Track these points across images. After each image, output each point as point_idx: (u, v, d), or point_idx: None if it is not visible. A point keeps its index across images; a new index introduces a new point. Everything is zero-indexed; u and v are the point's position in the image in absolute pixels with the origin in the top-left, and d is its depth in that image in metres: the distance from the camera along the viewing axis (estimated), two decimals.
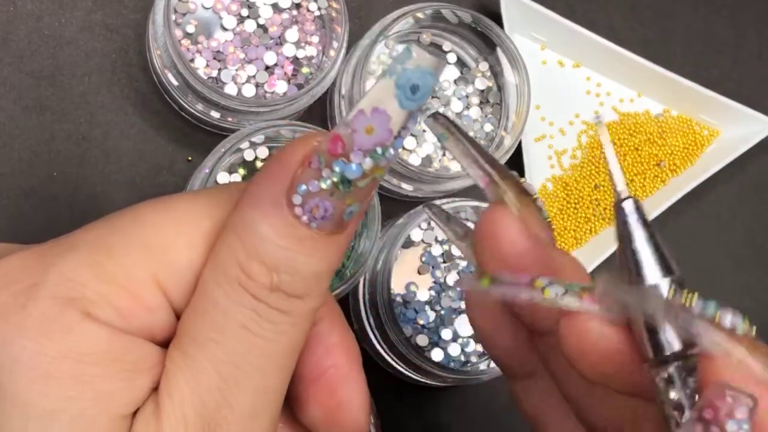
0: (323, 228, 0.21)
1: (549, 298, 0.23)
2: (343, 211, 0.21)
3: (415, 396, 0.49)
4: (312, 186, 0.20)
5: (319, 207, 0.21)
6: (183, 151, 0.47)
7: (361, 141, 0.20)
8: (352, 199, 0.21)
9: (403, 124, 0.20)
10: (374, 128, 0.20)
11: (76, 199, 0.46)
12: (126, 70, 0.47)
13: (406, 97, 0.20)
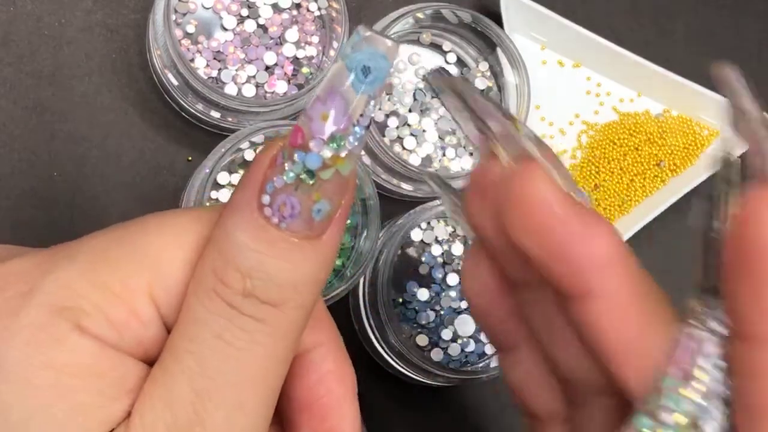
0: (293, 228, 0.21)
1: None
2: (310, 208, 0.21)
3: (415, 396, 0.49)
4: (277, 182, 0.20)
5: (286, 204, 0.20)
6: (183, 151, 0.47)
7: (318, 128, 0.20)
8: (319, 195, 0.20)
9: (361, 110, 0.20)
10: (330, 115, 0.20)
11: (76, 200, 0.46)
12: (126, 70, 0.47)
13: (359, 80, 0.20)
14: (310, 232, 0.21)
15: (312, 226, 0.21)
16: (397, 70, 0.48)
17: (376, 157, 0.46)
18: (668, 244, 0.55)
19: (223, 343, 0.21)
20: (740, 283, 0.20)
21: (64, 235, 0.46)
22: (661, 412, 0.21)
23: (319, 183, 0.20)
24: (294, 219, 0.21)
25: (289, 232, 0.21)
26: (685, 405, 0.21)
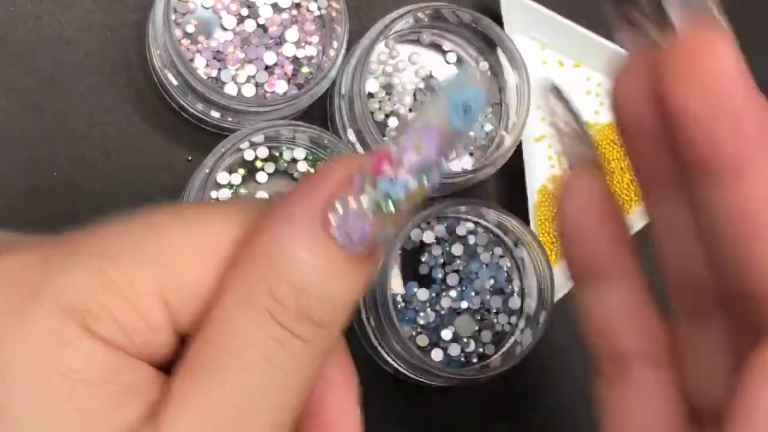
0: (356, 251, 0.20)
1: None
2: (378, 234, 0.20)
3: (415, 396, 0.49)
4: (352, 204, 0.20)
5: (357, 228, 0.20)
6: (183, 151, 0.47)
7: (410, 159, 0.20)
8: (391, 222, 0.20)
9: (451, 144, 0.20)
10: (423, 147, 0.20)
11: (75, 200, 0.46)
12: (126, 70, 0.47)
13: (458, 117, 0.20)
14: (370, 254, 0.21)
15: (374, 249, 0.21)
16: (396, 69, 0.48)
17: None
18: None
19: (270, 366, 0.20)
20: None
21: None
22: None
23: (396, 212, 0.20)
24: (362, 244, 0.20)
25: (351, 252, 0.20)
26: None
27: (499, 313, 0.48)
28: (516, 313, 0.49)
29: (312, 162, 0.46)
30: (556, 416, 0.52)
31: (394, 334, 0.45)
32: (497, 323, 0.48)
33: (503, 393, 0.51)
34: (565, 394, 0.52)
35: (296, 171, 0.46)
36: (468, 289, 0.48)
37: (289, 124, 0.44)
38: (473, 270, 0.48)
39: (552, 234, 0.52)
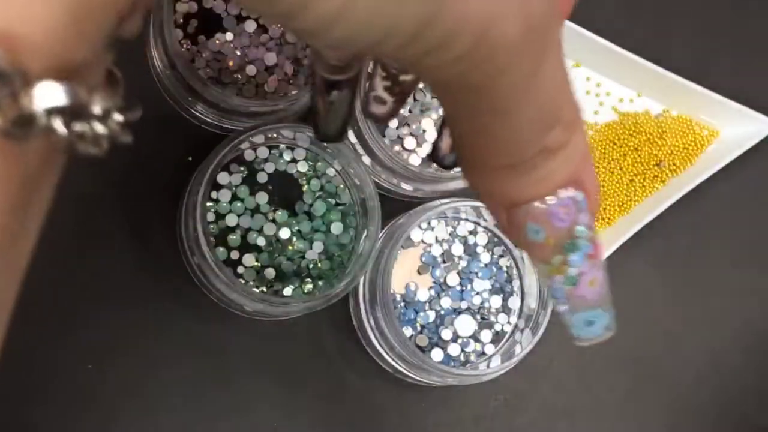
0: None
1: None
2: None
3: (415, 396, 0.50)
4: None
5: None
6: (183, 151, 0.47)
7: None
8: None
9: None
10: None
11: (75, 200, 0.46)
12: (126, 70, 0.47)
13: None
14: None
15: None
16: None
17: (376, 157, 0.46)
18: (668, 244, 0.55)
19: None
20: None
21: (64, 235, 0.46)
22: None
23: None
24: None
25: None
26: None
27: (499, 313, 0.48)
28: (516, 313, 0.49)
29: (312, 162, 0.46)
30: (555, 416, 0.52)
31: (394, 334, 0.45)
32: (497, 323, 0.48)
33: (503, 393, 0.51)
34: (564, 393, 0.52)
35: (296, 171, 0.46)
36: (468, 289, 0.48)
37: (289, 125, 0.44)
38: (473, 270, 0.48)
39: None
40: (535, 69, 0.23)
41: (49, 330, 0.45)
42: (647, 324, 0.54)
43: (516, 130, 0.23)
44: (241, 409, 0.47)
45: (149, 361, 0.46)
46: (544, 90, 0.23)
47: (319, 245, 0.46)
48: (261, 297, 0.42)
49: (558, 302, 0.27)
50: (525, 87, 0.23)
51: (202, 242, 0.42)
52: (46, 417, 0.45)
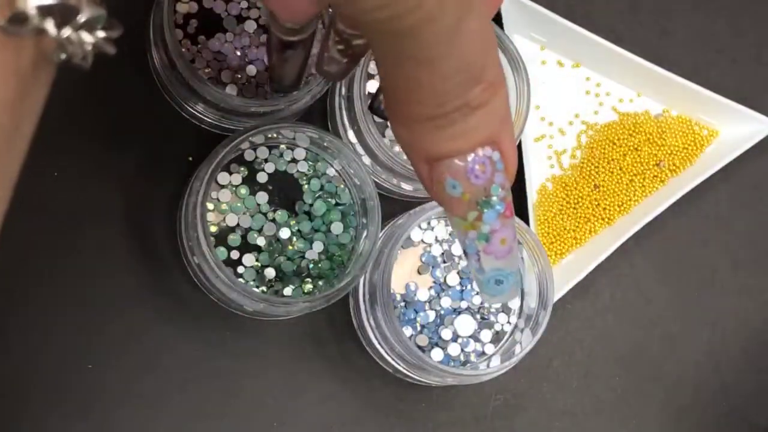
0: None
1: None
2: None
3: (415, 396, 0.50)
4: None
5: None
6: (183, 151, 0.47)
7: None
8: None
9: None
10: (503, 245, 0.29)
11: (75, 200, 0.46)
12: (126, 71, 0.47)
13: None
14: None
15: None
16: None
17: (376, 157, 0.46)
18: (668, 244, 0.55)
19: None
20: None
21: (65, 235, 0.46)
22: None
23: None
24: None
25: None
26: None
27: (499, 313, 0.48)
28: (516, 313, 0.49)
29: (312, 162, 0.46)
30: (555, 416, 0.52)
31: (394, 334, 0.45)
32: (497, 323, 0.48)
33: (503, 393, 0.51)
34: (564, 393, 0.52)
35: (296, 171, 0.46)
36: (468, 289, 0.48)
37: (289, 125, 0.44)
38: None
39: (552, 234, 0.52)
40: (458, 23, 0.24)
41: (49, 330, 0.45)
42: (647, 324, 0.54)
43: (438, 81, 0.25)
44: (241, 409, 0.47)
45: (149, 362, 0.46)
46: (468, 45, 0.25)
47: (319, 245, 0.46)
48: (261, 297, 0.42)
49: (470, 258, 0.29)
50: (448, 39, 0.24)
51: (202, 242, 0.42)
52: (46, 417, 0.45)
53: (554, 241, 0.52)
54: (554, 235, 0.52)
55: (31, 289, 0.45)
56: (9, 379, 0.44)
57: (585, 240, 0.53)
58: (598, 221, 0.53)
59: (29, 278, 0.45)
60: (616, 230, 0.53)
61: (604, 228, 0.53)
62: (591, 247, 0.53)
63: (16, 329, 0.45)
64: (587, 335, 0.53)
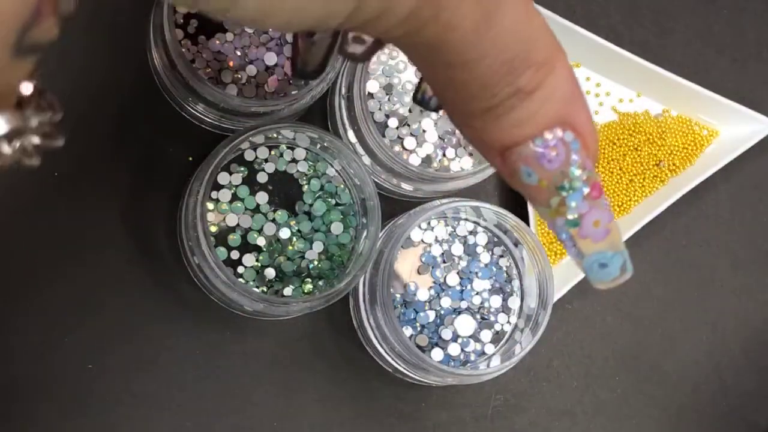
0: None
1: None
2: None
3: (415, 396, 0.50)
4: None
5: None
6: (183, 151, 0.47)
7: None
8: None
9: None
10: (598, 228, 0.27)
11: (75, 200, 0.46)
12: (126, 71, 0.47)
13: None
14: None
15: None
16: (396, 70, 0.48)
17: (376, 157, 0.46)
18: (668, 244, 0.55)
19: None
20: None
21: (65, 235, 0.46)
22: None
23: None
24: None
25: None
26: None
27: (498, 313, 0.48)
28: (516, 313, 0.49)
29: (312, 162, 0.46)
30: (555, 416, 0.52)
31: (394, 335, 0.45)
32: (497, 323, 0.48)
33: (503, 393, 0.51)
34: (564, 393, 0.52)
35: (296, 171, 0.46)
36: (468, 289, 0.48)
37: (289, 125, 0.44)
38: (473, 270, 0.48)
39: (552, 234, 0.52)
40: (486, 21, 0.23)
41: (49, 330, 0.45)
42: (647, 324, 0.54)
43: (479, 78, 0.24)
44: (241, 409, 0.47)
45: (149, 361, 0.46)
46: (503, 41, 0.24)
47: (319, 245, 0.46)
48: (261, 297, 0.42)
49: (565, 245, 0.27)
50: (478, 41, 0.23)
51: (202, 242, 0.42)
52: (46, 417, 0.45)
53: (554, 241, 0.52)
54: (554, 235, 0.52)
55: (31, 289, 0.45)
56: (9, 379, 0.44)
57: None
58: None
59: (29, 278, 0.45)
60: None
61: None
62: None
63: (16, 329, 0.45)
64: (587, 335, 0.53)
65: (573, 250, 0.27)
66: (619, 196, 0.53)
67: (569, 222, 0.26)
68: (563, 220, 0.26)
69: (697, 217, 0.55)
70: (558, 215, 0.26)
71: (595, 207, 0.26)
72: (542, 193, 0.26)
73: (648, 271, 0.54)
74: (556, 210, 0.26)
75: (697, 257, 0.55)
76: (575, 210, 0.26)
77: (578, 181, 0.26)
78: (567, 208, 0.26)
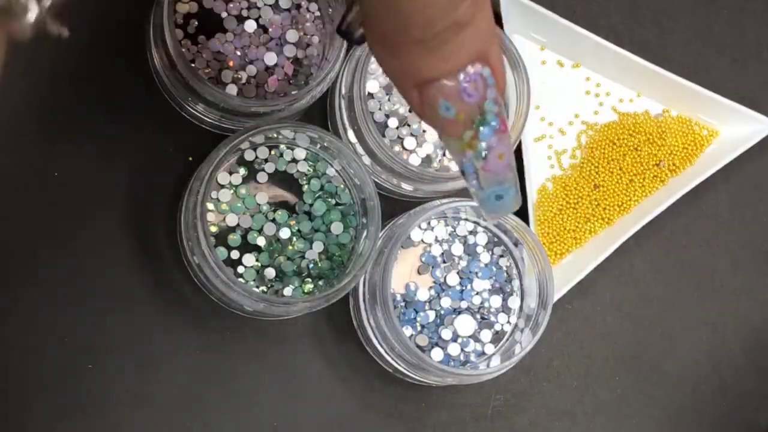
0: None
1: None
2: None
3: (415, 396, 0.50)
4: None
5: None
6: (183, 151, 0.47)
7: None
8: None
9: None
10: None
11: (76, 199, 0.46)
12: (126, 71, 0.47)
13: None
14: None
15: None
16: None
17: (376, 157, 0.46)
18: (668, 244, 0.55)
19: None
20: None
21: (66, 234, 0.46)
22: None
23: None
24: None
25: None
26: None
27: (498, 312, 0.48)
28: (515, 313, 0.49)
29: (312, 162, 0.46)
30: (555, 416, 0.52)
31: (394, 334, 0.45)
32: (497, 323, 0.48)
33: (503, 393, 0.51)
34: (564, 393, 0.52)
35: (296, 171, 0.46)
36: (468, 289, 0.48)
37: (289, 125, 0.44)
38: (473, 270, 0.48)
39: (552, 234, 0.52)
40: None
41: (49, 330, 0.45)
42: (647, 324, 0.54)
43: (423, 8, 0.25)
44: (240, 409, 0.47)
45: (149, 361, 0.46)
46: None
47: (319, 245, 0.46)
48: (261, 297, 0.42)
49: (468, 178, 0.28)
50: None
51: (202, 242, 0.42)
52: (46, 417, 0.45)
53: (554, 241, 0.52)
54: (554, 235, 0.52)
55: (31, 289, 0.45)
56: (9, 379, 0.44)
57: (585, 240, 0.53)
58: (598, 221, 0.53)
59: (29, 278, 0.45)
60: (616, 230, 0.53)
61: (604, 228, 0.53)
62: (591, 247, 0.53)
63: (17, 329, 0.45)
64: (587, 335, 0.53)
65: (474, 183, 0.29)
66: (619, 196, 0.53)
67: (477, 155, 0.28)
68: (472, 153, 0.28)
69: (697, 217, 0.55)
70: (469, 148, 0.28)
71: (501, 141, 0.28)
72: (457, 126, 0.27)
73: (648, 271, 0.54)
74: (468, 143, 0.27)
75: (697, 257, 0.55)
76: (486, 143, 0.27)
77: (492, 115, 0.27)
78: (477, 142, 0.27)
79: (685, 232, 0.55)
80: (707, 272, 0.55)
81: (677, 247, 0.55)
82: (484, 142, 0.27)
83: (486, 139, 0.27)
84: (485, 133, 0.27)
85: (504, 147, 0.28)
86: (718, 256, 0.56)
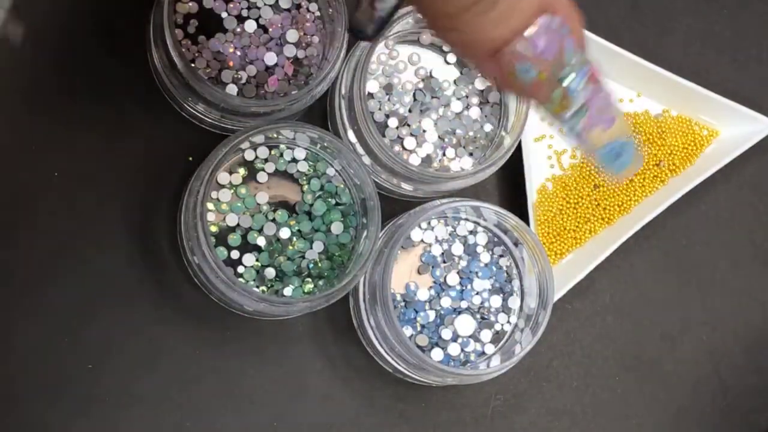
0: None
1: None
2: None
3: (415, 396, 0.50)
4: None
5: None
6: (183, 151, 0.47)
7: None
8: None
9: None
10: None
11: (76, 199, 0.46)
12: (126, 71, 0.47)
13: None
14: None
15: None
16: (396, 70, 0.48)
17: (376, 157, 0.46)
18: (668, 244, 0.55)
19: None
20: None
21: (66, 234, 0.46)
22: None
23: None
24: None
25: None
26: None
27: (498, 312, 0.48)
28: (516, 313, 0.49)
29: (312, 162, 0.46)
30: (555, 416, 0.52)
31: (394, 334, 0.45)
32: (497, 323, 0.48)
33: (503, 393, 0.51)
34: (564, 393, 0.52)
35: (296, 171, 0.46)
36: (468, 289, 0.48)
37: (289, 125, 0.44)
38: (473, 270, 0.48)
39: (552, 234, 0.52)
40: None
41: (49, 330, 0.45)
42: (647, 324, 0.54)
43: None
44: (241, 409, 0.47)
45: (149, 361, 0.46)
46: None
47: (319, 245, 0.46)
48: (261, 297, 0.42)
49: (579, 141, 0.26)
50: None
51: (202, 242, 0.42)
52: (46, 417, 0.45)
53: (554, 241, 0.52)
54: (554, 235, 0.52)
55: (31, 289, 0.45)
56: (9, 379, 0.44)
57: (585, 240, 0.53)
58: (598, 221, 0.53)
59: (29, 278, 0.45)
60: (615, 230, 0.53)
61: (604, 228, 0.53)
62: (591, 247, 0.53)
63: (17, 329, 0.45)
64: (587, 335, 0.53)
65: (586, 145, 0.26)
66: (619, 196, 0.53)
67: (577, 113, 0.25)
68: (569, 113, 0.25)
69: (697, 217, 0.55)
70: (563, 109, 0.25)
71: (596, 93, 0.25)
72: (543, 88, 0.25)
73: (648, 271, 0.54)
74: (560, 104, 0.25)
75: (697, 257, 0.55)
76: (579, 96, 0.25)
77: (576, 63, 0.25)
78: (571, 98, 0.25)
79: (685, 232, 0.55)
80: (707, 272, 0.55)
81: (677, 247, 0.55)
82: (577, 97, 0.25)
83: (576, 94, 0.25)
84: (573, 87, 0.25)
85: (602, 100, 0.26)
86: (718, 256, 0.56)
